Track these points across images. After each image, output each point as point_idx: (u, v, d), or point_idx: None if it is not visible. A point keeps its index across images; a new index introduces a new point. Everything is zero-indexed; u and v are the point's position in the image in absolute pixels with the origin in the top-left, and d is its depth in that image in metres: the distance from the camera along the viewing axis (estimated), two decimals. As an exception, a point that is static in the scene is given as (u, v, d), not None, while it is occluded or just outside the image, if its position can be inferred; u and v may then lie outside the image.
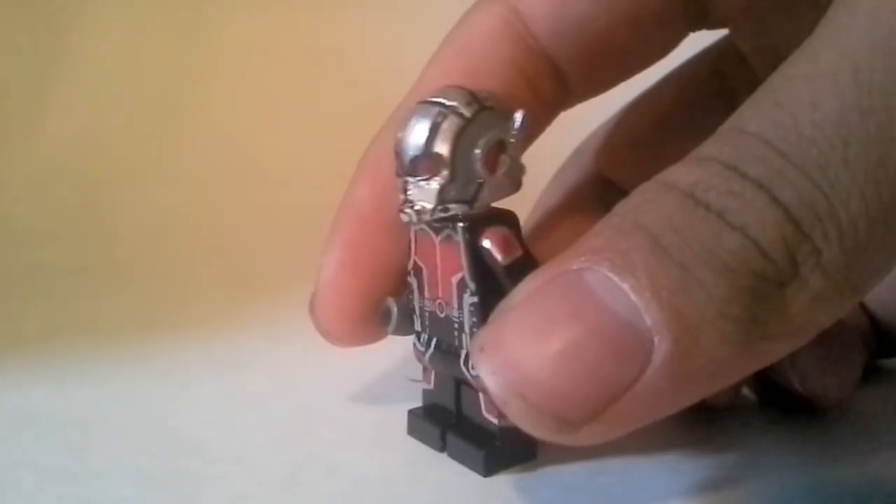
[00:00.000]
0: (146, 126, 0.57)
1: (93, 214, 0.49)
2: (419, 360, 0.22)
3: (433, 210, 0.19)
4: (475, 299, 0.20)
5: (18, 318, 0.35)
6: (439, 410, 0.23)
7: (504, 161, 0.20)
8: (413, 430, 0.23)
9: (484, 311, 0.20)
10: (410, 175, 0.19)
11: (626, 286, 0.15)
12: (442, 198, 0.19)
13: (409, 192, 0.19)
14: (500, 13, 0.22)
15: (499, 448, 0.21)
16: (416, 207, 0.19)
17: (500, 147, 0.19)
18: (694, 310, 0.15)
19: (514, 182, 0.20)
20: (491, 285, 0.20)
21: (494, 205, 0.20)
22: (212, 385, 0.27)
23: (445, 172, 0.19)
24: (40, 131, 0.56)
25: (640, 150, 0.27)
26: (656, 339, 0.15)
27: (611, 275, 0.15)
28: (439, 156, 0.19)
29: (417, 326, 0.22)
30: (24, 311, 0.36)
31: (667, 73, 0.28)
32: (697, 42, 0.26)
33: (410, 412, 0.23)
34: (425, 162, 0.19)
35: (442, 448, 0.22)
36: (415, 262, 0.21)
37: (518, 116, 0.20)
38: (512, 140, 0.20)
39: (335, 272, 0.23)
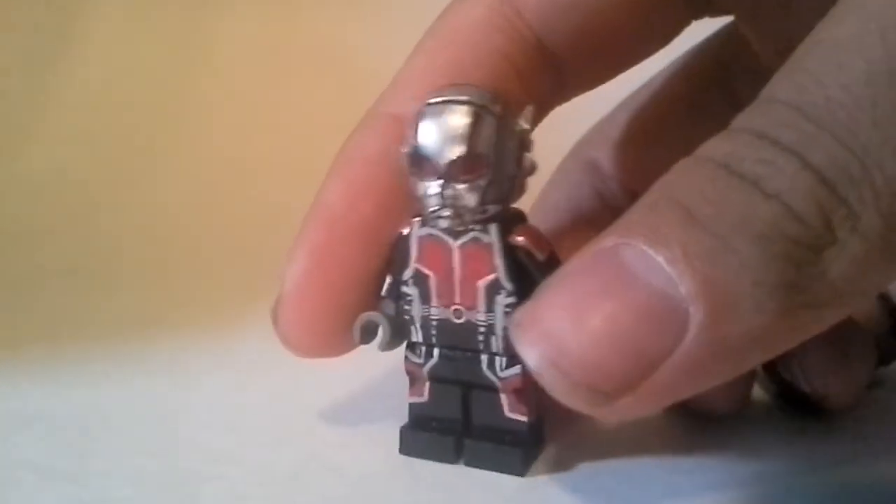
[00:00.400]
0: (145, 126, 0.57)
1: (92, 214, 0.49)
2: (412, 372, 0.21)
3: (474, 211, 0.19)
4: (512, 300, 0.19)
5: (18, 318, 0.35)
6: (438, 422, 0.21)
7: (528, 158, 0.19)
8: (410, 448, 0.22)
9: None
10: (448, 177, 0.18)
11: (660, 258, 0.15)
12: (483, 198, 0.19)
13: (445, 195, 0.19)
14: (489, 1, 0.21)
15: (529, 444, 0.21)
16: (457, 210, 0.19)
17: (525, 145, 0.19)
18: (728, 278, 0.15)
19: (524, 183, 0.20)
20: (527, 284, 0.19)
21: None
22: (212, 385, 0.27)
23: (488, 173, 0.18)
24: (40, 132, 0.56)
25: (641, 144, 0.27)
26: (691, 309, 0.15)
27: (645, 248, 0.15)
28: (483, 156, 0.18)
29: (417, 337, 0.21)
30: (23, 311, 0.36)
31: (668, 65, 0.28)
32: (698, 32, 0.26)
33: (403, 429, 0.22)
34: (468, 163, 0.18)
35: (455, 458, 0.21)
36: (416, 270, 0.20)
37: (528, 112, 0.19)
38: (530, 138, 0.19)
39: (300, 281, 0.21)
